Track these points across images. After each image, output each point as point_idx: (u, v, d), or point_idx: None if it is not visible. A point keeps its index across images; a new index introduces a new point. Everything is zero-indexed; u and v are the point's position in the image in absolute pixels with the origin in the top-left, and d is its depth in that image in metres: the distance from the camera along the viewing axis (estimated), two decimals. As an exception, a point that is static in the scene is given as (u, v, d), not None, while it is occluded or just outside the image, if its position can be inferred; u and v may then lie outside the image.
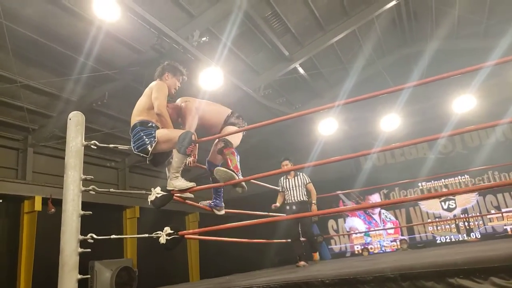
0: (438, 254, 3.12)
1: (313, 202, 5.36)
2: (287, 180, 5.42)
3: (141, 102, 3.05)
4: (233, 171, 2.88)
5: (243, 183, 2.97)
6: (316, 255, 5.30)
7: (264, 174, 2.76)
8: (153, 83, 3.10)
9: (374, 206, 9.13)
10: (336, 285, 1.95)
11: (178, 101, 3.33)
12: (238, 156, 3.14)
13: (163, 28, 5.64)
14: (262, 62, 8.28)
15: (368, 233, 10.58)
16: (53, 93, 6.97)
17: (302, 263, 4.82)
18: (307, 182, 5.42)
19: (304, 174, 5.48)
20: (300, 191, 5.30)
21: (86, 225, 2.64)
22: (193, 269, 10.85)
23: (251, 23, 6.97)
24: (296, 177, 5.39)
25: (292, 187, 5.33)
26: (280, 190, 5.49)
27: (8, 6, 5.11)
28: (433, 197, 8.92)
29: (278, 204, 5.41)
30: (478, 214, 9.43)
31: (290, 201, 5.29)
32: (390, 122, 8.67)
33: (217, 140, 3.19)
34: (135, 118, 2.97)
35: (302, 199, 5.27)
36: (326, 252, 6.92)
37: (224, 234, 4.78)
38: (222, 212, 3.65)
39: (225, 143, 3.07)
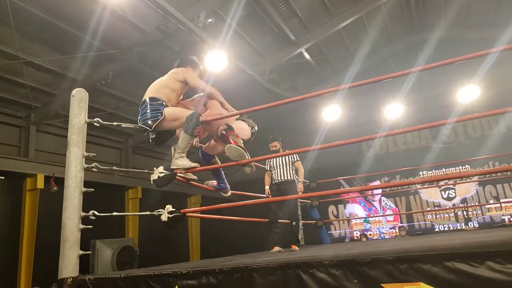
0: (436, 240, 3.15)
1: (300, 180, 4.96)
2: (274, 158, 4.97)
3: (161, 81, 3.13)
4: (244, 150, 2.88)
5: (252, 164, 2.96)
6: (294, 247, 4.74)
7: (271, 156, 2.77)
8: (180, 69, 3.20)
9: (372, 189, 9.17)
10: (335, 266, 1.96)
11: (203, 94, 3.37)
12: (242, 141, 3.13)
13: (168, 8, 5.58)
14: (268, 46, 8.21)
15: (368, 219, 10.68)
16: (56, 71, 6.95)
17: (276, 248, 4.48)
18: (295, 160, 4.99)
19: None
20: (287, 169, 4.88)
21: (88, 205, 2.67)
22: (194, 250, 11.00)
23: (258, 5, 6.89)
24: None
25: (279, 165, 4.92)
26: (267, 169, 5.09)
27: (12, -19, 5.07)
28: (432, 181, 8.95)
29: (267, 187, 5.00)
30: (477, 203, 9.49)
31: (276, 181, 4.90)
32: (394, 110, 8.65)
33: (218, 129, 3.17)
34: (148, 94, 3.04)
35: (288, 178, 4.86)
36: (325, 237, 6.98)
37: (225, 214, 4.83)
38: (229, 193, 3.68)
39: (227, 126, 3.04)
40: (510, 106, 2.48)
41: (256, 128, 3.43)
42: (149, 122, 2.87)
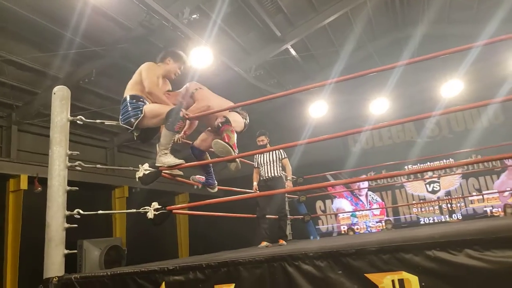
0: (419, 231, 3.22)
1: (288, 178, 5.01)
2: (262, 155, 5.04)
3: (133, 78, 3.07)
4: (231, 146, 2.88)
5: (238, 160, 2.99)
6: (282, 241, 4.77)
7: (257, 151, 2.78)
8: (144, 64, 3.08)
9: (358, 181, 9.27)
10: (320, 258, 1.99)
11: (187, 85, 3.32)
12: (236, 135, 3.14)
13: (152, 4, 5.53)
14: (253, 42, 8.20)
15: (355, 213, 10.81)
16: (38, 69, 6.82)
17: (264, 243, 4.48)
18: (283, 157, 5.03)
19: (280, 148, 4.85)
20: (275, 166, 4.92)
21: (74, 205, 2.64)
22: (183, 248, 10.97)
23: (243, 1, 6.87)
24: (271, 152, 4.97)
25: (267, 162, 4.95)
26: (255, 166, 5.12)
27: (-11, -22, 4.95)
28: (417, 173, 9.15)
29: (255, 183, 5.05)
30: (460, 196, 9.71)
31: (264, 177, 4.94)
32: (380, 105, 8.75)
33: (215, 120, 3.17)
34: (127, 92, 2.99)
35: (276, 174, 4.90)
36: (313, 231, 7.04)
37: (213, 211, 4.83)
38: (215, 189, 3.68)
39: (225, 119, 3.05)
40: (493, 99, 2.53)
41: (248, 119, 3.44)
42: (132, 120, 2.82)
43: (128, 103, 2.89)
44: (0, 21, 5.58)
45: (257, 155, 5.08)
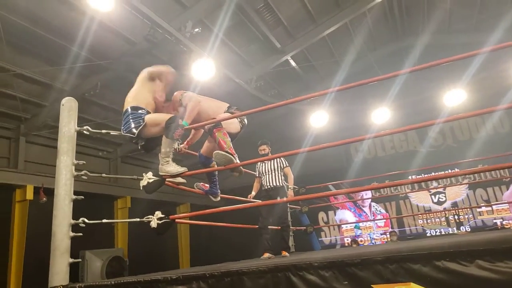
0: (427, 242, 3.19)
1: (290, 187, 4.98)
2: (263, 164, 5.00)
3: (133, 89, 3.14)
4: (231, 155, 2.88)
5: (241, 167, 2.99)
6: (285, 253, 4.74)
7: (258, 159, 2.78)
8: (141, 73, 3.23)
9: (361, 190, 9.15)
10: (325, 268, 1.96)
11: (174, 95, 3.35)
12: (229, 138, 3.12)
13: (156, 19, 5.63)
14: (254, 54, 8.27)
15: (358, 225, 10.64)
16: (45, 83, 6.94)
17: (266, 255, 4.43)
18: (284, 165, 4.98)
19: (282, 157, 4.92)
20: (277, 175, 4.88)
21: (77, 215, 2.66)
22: (184, 259, 10.90)
23: (244, 14, 6.96)
24: (272, 161, 4.94)
25: (268, 171, 4.91)
26: (257, 175, 5.10)
27: (0, -6, 5.08)
28: (422, 182, 8.98)
29: (254, 192, 5.03)
30: (468, 207, 9.43)
31: (266, 187, 4.89)
32: (381, 115, 8.72)
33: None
34: (127, 104, 3.05)
35: (277, 184, 4.85)
36: (316, 243, 6.98)
37: (215, 221, 4.82)
38: (218, 198, 3.68)
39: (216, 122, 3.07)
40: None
41: (245, 120, 3.42)
42: (134, 130, 2.88)
43: (130, 114, 2.95)
44: (10, 36, 5.69)
45: (258, 164, 5.09)
